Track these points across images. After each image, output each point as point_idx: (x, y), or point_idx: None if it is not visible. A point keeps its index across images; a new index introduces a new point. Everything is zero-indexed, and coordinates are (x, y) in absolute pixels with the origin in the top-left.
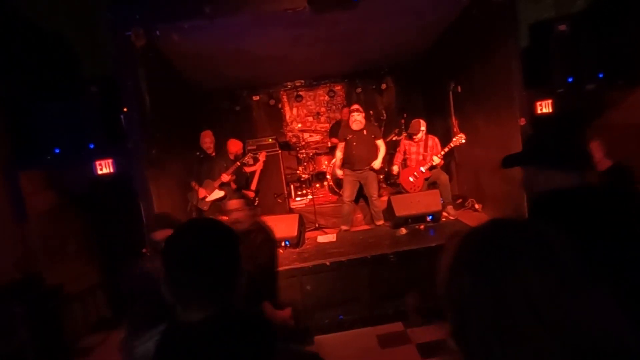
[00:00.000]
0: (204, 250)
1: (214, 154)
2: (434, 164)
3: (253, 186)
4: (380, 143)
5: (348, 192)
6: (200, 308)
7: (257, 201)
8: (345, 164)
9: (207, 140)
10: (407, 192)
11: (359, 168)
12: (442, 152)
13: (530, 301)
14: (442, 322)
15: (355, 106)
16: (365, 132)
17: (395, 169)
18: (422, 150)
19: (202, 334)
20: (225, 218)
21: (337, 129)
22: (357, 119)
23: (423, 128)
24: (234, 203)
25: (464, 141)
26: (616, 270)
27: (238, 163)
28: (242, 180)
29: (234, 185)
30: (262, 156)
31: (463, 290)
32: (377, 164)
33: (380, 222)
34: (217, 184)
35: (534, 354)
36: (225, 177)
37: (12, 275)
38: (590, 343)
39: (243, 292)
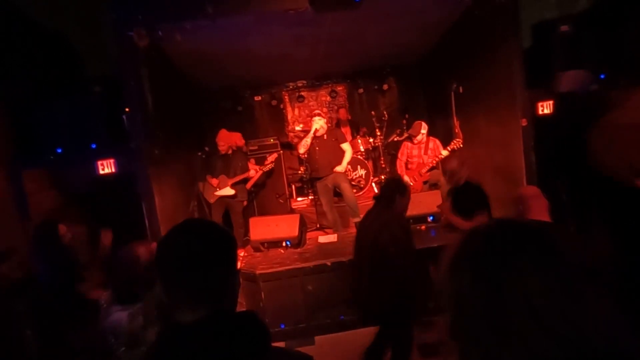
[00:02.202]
0: (197, 251)
1: (230, 152)
2: (443, 157)
3: (248, 185)
4: (346, 147)
5: (325, 202)
6: (194, 309)
7: (245, 202)
8: (312, 171)
9: (222, 143)
10: None
11: (323, 175)
12: (448, 149)
13: (529, 301)
14: (442, 320)
15: (316, 111)
16: (326, 136)
17: (406, 179)
18: (423, 153)
19: (195, 335)
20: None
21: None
22: (318, 124)
23: (424, 131)
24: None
25: (460, 146)
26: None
27: (259, 168)
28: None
29: (248, 185)
30: (269, 161)
31: (462, 287)
32: (340, 168)
33: (357, 219)
34: (231, 182)
35: (529, 354)
36: (256, 168)
37: (15, 274)
38: (587, 345)
39: (237, 294)
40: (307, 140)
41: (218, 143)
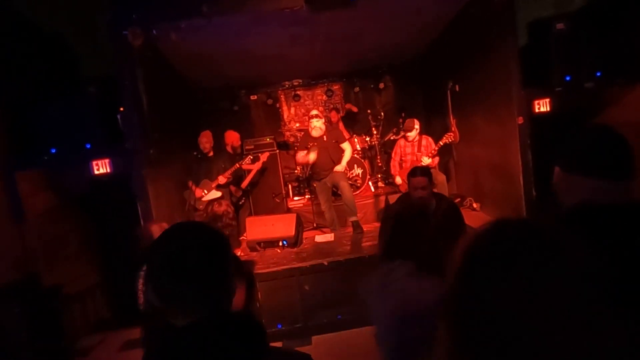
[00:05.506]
0: (189, 255)
1: (211, 154)
2: (424, 164)
3: (243, 184)
4: (346, 146)
5: (323, 201)
6: (188, 313)
7: (242, 200)
8: (313, 174)
9: (205, 141)
10: (402, 192)
11: (324, 176)
12: (433, 151)
13: (537, 302)
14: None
15: (314, 112)
16: (325, 138)
17: (399, 180)
18: (416, 151)
19: (192, 337)
20: None
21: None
22: (316, 126)
23: (417, 127)
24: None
25: (452, 139)
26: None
27: (237, 165)
28: (237, 178)
29: (233, 187)
30: (263, 156)
31: (468, 292)
32: (339, 167)
33: (354, 218)
34: (214, 184)
35: (539, 356)
36: (222, 179)
37: (10, 275)
38: (592, 353)
39: (233, 295)
40: (313, 156)
41: (202, 141)
